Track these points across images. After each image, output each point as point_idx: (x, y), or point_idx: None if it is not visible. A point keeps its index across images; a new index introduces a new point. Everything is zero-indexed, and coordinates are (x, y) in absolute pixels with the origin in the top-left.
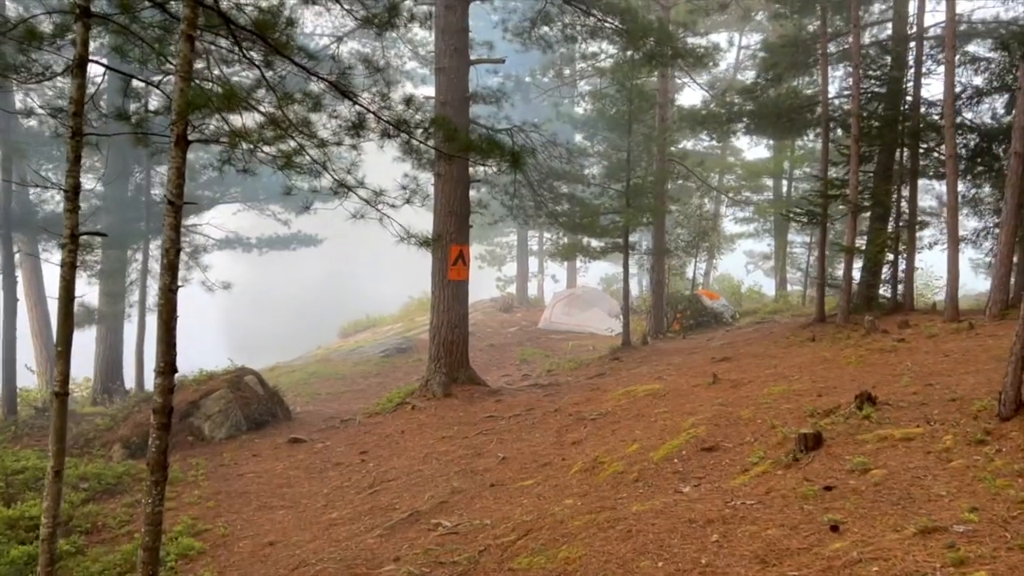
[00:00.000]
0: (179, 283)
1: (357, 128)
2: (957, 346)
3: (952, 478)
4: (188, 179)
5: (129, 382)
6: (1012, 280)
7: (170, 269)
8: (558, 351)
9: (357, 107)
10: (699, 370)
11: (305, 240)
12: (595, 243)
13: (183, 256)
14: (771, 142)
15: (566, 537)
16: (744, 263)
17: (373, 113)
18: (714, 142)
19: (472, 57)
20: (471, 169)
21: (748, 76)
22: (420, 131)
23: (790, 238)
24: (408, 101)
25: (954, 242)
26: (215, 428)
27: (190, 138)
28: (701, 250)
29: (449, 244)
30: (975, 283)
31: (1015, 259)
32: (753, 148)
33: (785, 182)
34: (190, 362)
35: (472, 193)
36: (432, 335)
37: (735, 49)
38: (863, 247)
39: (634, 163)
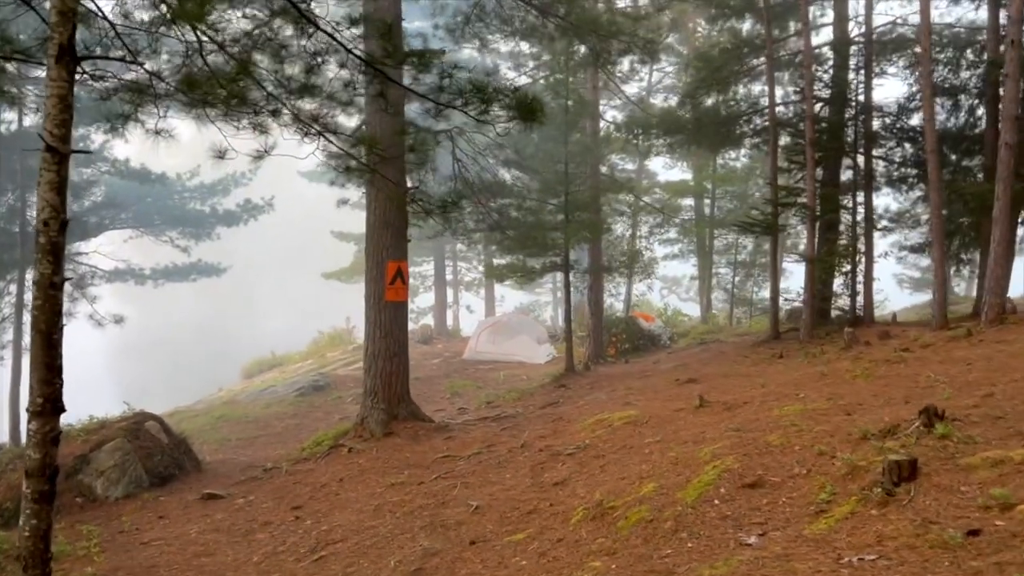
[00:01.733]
0: (65, 275)
1: (314, 68)
2: (971, 354)
3: None
4: (69, 199)
5: (1, 435)
6: None
7: (51, 254)
8: (490, 382)
9: (320, 33)
10: (669, 393)
11: (207, 270)
12: (531, 262)
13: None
14: (686, 164)
15: None
16: (659, 287)
17: (342, 46)
18: (629, 166)
19: (407, 50)
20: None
21: (659, 100)
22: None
23: (714, 259)
24: (388, 29)
25: (940, 243)
26: (110, 486)
27: (80, 54)
28: (634, 272)
29: (385, 260)
30: (900, 297)
31: None
32: (669, 171)
33: (708, 202)
34: (75, 410)
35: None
36: (367, 366)
37: (648, 72)
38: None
39: (571, 177)
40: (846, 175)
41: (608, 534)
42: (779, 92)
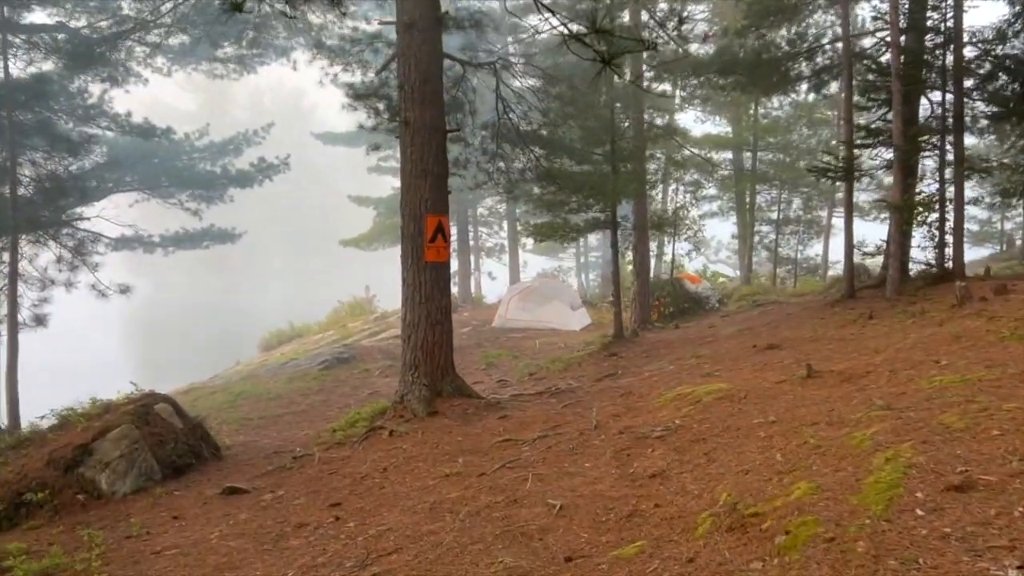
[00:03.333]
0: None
1: None
2: None
3: None
4: (67, 160)
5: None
6: None
7: None
8: (525, 350)
9: None
10: (752, 362)
11: (220, 236)
12: (574, 219)
13: (63, 253)
14: (719, 118)
15: None
16: (687, 250)
17: None
18: (657, 121)
19: None
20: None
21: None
22: None
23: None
24: None
25: None
26: (116, 480)
27: None
28: (678, 230)
29: (424, 214)
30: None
31: None
32: (701, 125)
33: (748, 156)
34: (76, 392)
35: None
36: (405, 335)
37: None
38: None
39: (616, 125)
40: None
41: (766, 556)
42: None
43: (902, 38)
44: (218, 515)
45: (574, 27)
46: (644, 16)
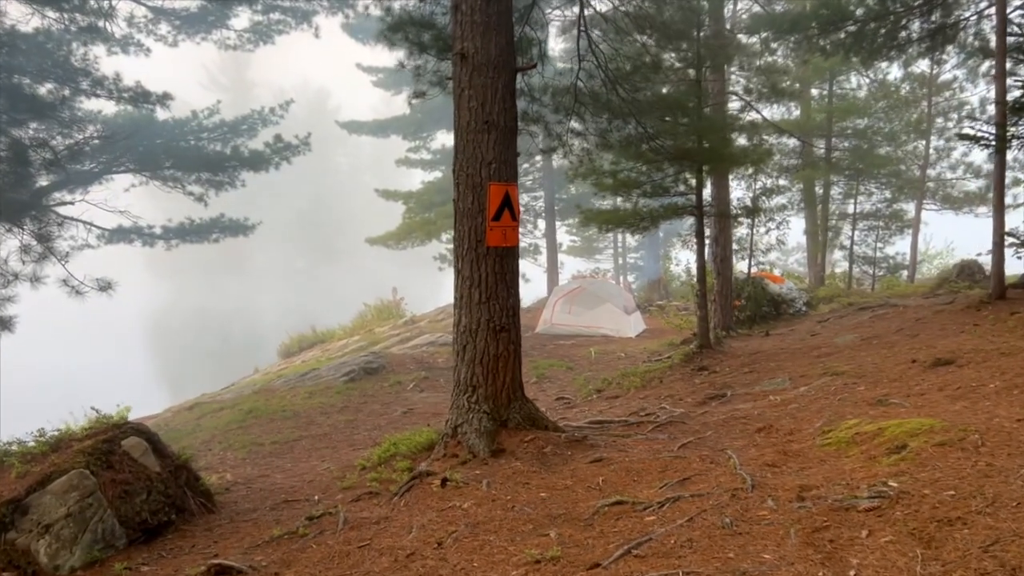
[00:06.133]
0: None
1: None
2: None
3: None
4: (54, 139)
5: None
6: None
7: None
8: (579, 360)
9: None
10: (933, 384)
11: (231, 227)
12: (648, 203)
13: (30, 244)
14: (780, 103)
15: None
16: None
17: None
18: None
19: None
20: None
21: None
22: None
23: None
24: None
25: None
26: (60, 549)
27: None
28: (756, 221)
29: (485, 183)
30: None
31: None
32: (762, 111)
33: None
34: (31, 416)
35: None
36: (459, 346)
37: None
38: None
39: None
40: None
41: None
42: None
43: None
44: None
45: None
46: None
